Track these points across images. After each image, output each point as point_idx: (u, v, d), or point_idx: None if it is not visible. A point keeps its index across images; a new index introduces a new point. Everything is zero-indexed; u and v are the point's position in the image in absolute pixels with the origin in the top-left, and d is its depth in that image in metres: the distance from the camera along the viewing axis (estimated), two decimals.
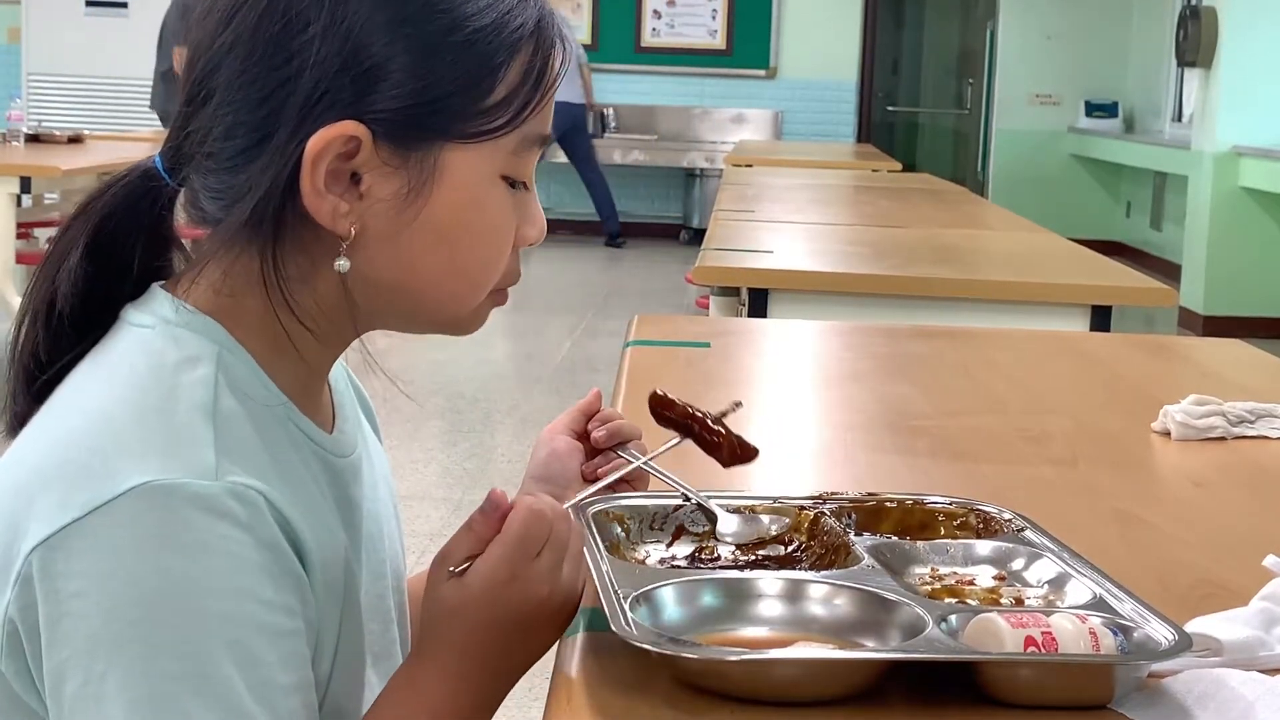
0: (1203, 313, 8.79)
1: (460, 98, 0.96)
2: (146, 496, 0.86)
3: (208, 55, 0.97)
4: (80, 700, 0.85)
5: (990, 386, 2.05)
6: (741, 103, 12.44)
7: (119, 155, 6.66)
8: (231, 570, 0.87)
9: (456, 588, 0.97)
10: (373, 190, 0.96)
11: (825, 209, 5.13)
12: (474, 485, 4.80)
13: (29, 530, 0.88)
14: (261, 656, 0.87)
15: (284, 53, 0.94)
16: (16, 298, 5.76)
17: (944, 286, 3.12)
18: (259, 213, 0.95)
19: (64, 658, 0.86)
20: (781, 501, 1.21)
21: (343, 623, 0.99)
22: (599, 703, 0.92)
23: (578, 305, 8.64)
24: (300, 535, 0.93)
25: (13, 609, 0.88)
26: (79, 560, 0.86)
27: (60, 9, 11.36)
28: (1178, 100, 11.67)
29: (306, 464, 1.00)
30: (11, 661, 0.89)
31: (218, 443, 0.90)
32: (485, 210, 1.00)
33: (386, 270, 0.98)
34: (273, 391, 0.98)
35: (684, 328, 2.45)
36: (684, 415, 1.23)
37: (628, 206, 12.33)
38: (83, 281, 1.00)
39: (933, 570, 1.13)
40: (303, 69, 0.93)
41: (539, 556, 0.97)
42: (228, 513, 0.88)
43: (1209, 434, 1.69)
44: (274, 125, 0.94)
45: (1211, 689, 0.94)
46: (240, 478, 0.89)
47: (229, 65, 0.95)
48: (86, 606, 0.85)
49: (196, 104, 0.97)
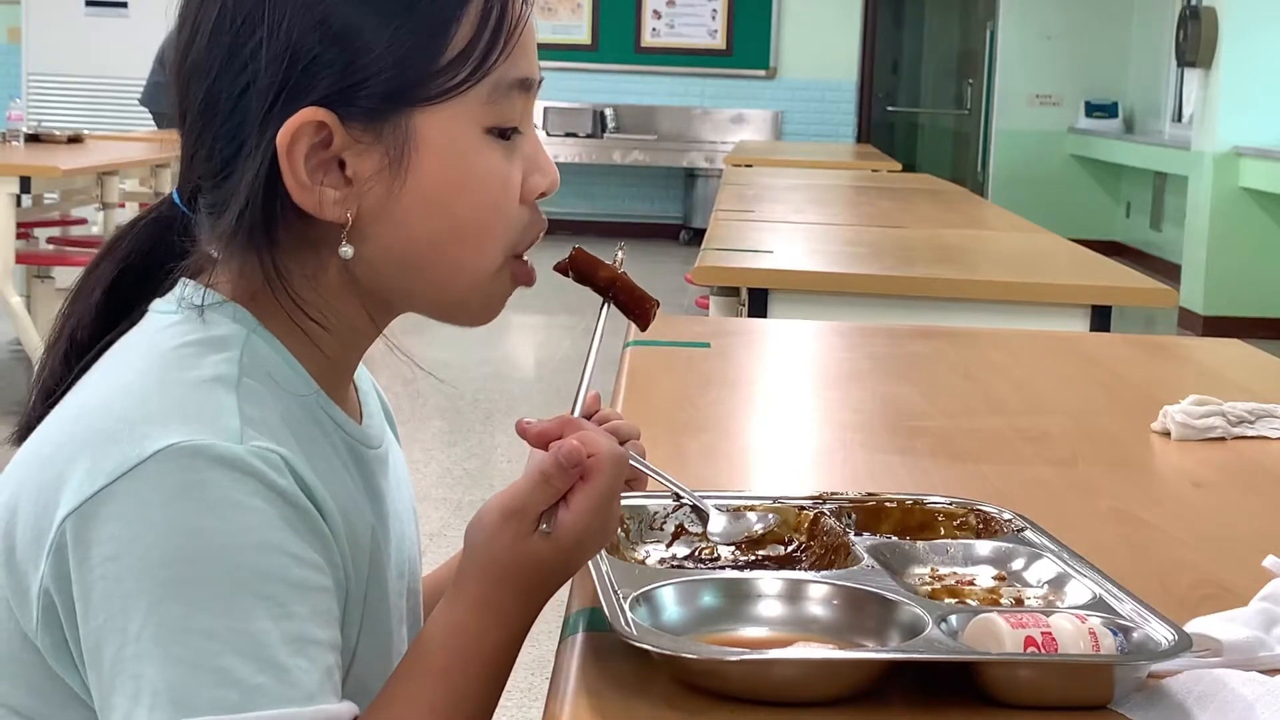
0: (1202, 313, 8.79)
1: (413, 61, 0.96)
2: (173, 458, 0.87)
3: (181, 82, 0.99)
4: (119, 663, 0.86)
5: (990, 386, 2.05)
6: (741, 103, 12.45)
7: (119, 155, 6.66)
8: (260, 525, 0.88)
9: (551, 547, 0.96)
10: (358, 171, 0.97)
11: (825, 209, 5.13)
12: (474, 485, 4.80)
13: (60, 501, 0.89)
14: (294, 610, 0.88)
15: (238, 62, 0.96)
16: (16, 297, 5.75)
17: (944, 287, 3.12)
18: (247, 218, 0.96)
19: (100, 623, 0.86)
20: (781, 501, 1.21)
21: (369, 593, 1.00)
22: (599, 703, 0.92)
23: (578, 305, 8.64)
24: (323, 503, 0.93)
25: (48, 579, 0.88)
26: (109, 525, 0.87)
27: (60, 9, 11.36)
28: (1178, 100, 11.67)
29: (335, 448, 1.01)
30: (48, 635, 0.90)
31: (241, 411, 0.92)
32: (473, 167, 0.99)
33: (390, 249, 0.99)
34: (301, 375, 0.99)
35: (684, 328, 2.45)
36: (608, 280, 1.13)
37: (628, 206, 12.33)
38: (101, 318, 1.03)
39: (933, 570, 1.13)
40: (257, 73, 0.95)
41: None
42: (253, 471, 0.89)
43: (1209, 434, 1.69)
44: (243, 133, 0.96)
45: (1211, 689, 0.94)
46: (263, 442, 0.90)
47: (195, 87, 0.98)
48: (119, 569, 0.86)
49: (183, 130, 1.00)
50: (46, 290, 6.33)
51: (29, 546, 0.90)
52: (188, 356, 0.94)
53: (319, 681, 0.87)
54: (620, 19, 12.39)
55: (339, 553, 0.95)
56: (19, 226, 5.96)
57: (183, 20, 0.99)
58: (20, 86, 11.41)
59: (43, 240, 6.90)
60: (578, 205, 11.94)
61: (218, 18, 0.97)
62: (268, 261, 0.97)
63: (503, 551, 0.97)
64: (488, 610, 0.97)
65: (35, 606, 0.90)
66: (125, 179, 6.90)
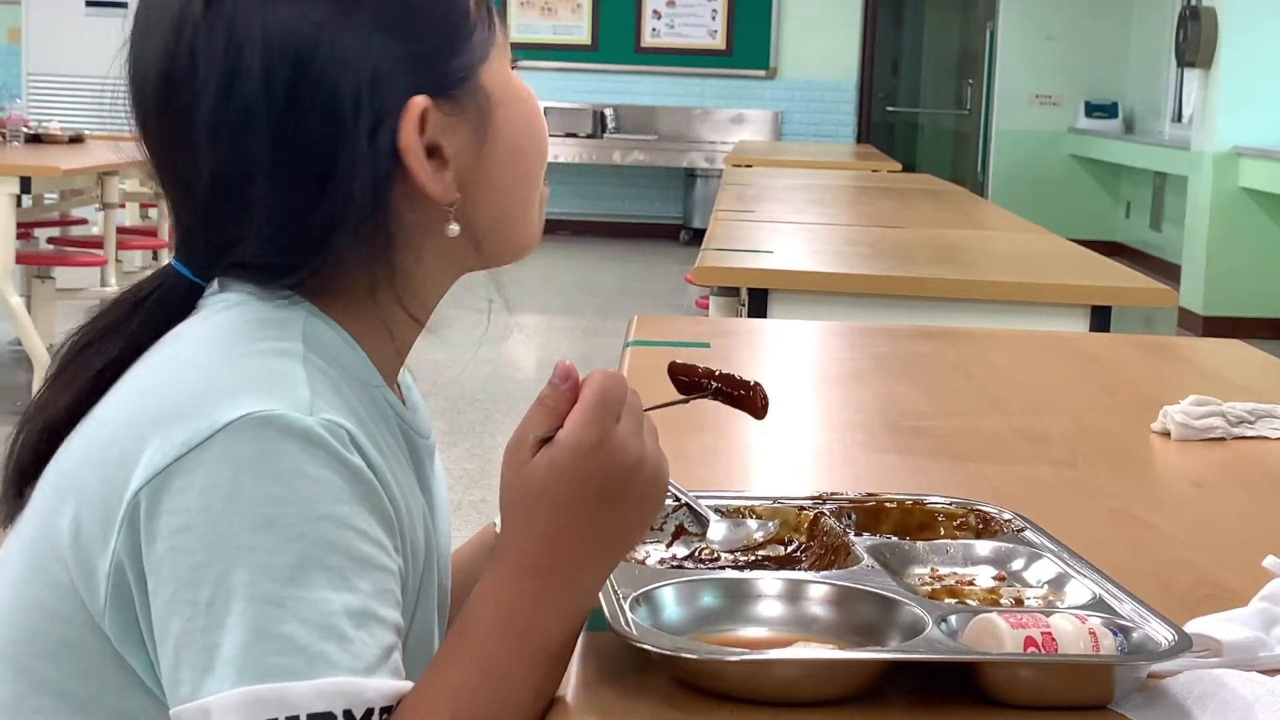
0: (1202, 313, 8.79)
1: (468, 24, 1.01)
2: (244, 429, 0.87)
3: (198, 149, 0.97)
4: (188, 634, 0.86)
5: (990, 386, 2.05)
6: (741, 103, 12.45)
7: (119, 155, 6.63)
8: (329, 497, 0.88)
9: (545, 464, 0.90)
10: (455, 145, 1.00)
11: (825, 209, 5.13)
12: (474, 485, 4.80)
13: (131, 478, 0.89)
14: (357, 584, 0.87)
15: (318, 111, 0.95)
16: (16, 298, 5.75)
17: (944, 287, 3.12)
18: (363, 234, 0.97)
19: (170, 594, 0.87)
20: (781, 501, 1.21)
21: (422, 582, 1.00)
22: (599, 703, 0.92)
23: (578, 305, 8.65)
24: (387, 484, 0.93)
25: (121, 554, 0.89)
26: (181, 497, 0.87)
27: (60, 9, 11.35)
28: (1177, 100, 11.67)
29: (393, 433, 1.01)
30: (118, 614, 0.90)
31: (310, 382, 0.92)
32: (525, 102, 1.05)
33: (488, 208, 1.02)
34: (363, 360, 1.00)
35: (684, 328, 2.45)
36: (707, 374, 1.14)
37: (628, 207, 12.33)
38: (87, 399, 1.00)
39: (932, 570, 1.13)
40: (338, 97, 0.95)
41: (620, 420, 0.92)
42: (324, 443, 0.89)
43: (1209, 434, 1.69)
44: (331, 164, 0.95)
45: (1211, 689, 0.94)
46: (332, 415, 0.90)
47: (237, 145, 0.96)
48: (190, 540, 0.86)
49: (225, 215, 0.98)
50: (46, 290, 6.32)
51: (96, 526, 0.90)
52: (252, 331, 0.95)
53: (379, 656, 0.87)
54: (620, 19, 12.39)
55: (399, 535, 0.94)
56: (19, 226, 5.96)
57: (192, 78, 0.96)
58: (20, 86, 11.41)
59: (43, 240, 6.89)
60: (578, 205, 11.94)
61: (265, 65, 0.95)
62: (385, 264, 0.99)
63: (508, 488, 0.92)
64: (505, 560, 0.92)
65: (104, 585, 0.90)
66: (125, 179, 6.90)
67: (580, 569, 0.92)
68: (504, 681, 0.90)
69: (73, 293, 6.40)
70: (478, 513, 4.52)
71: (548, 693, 0.92)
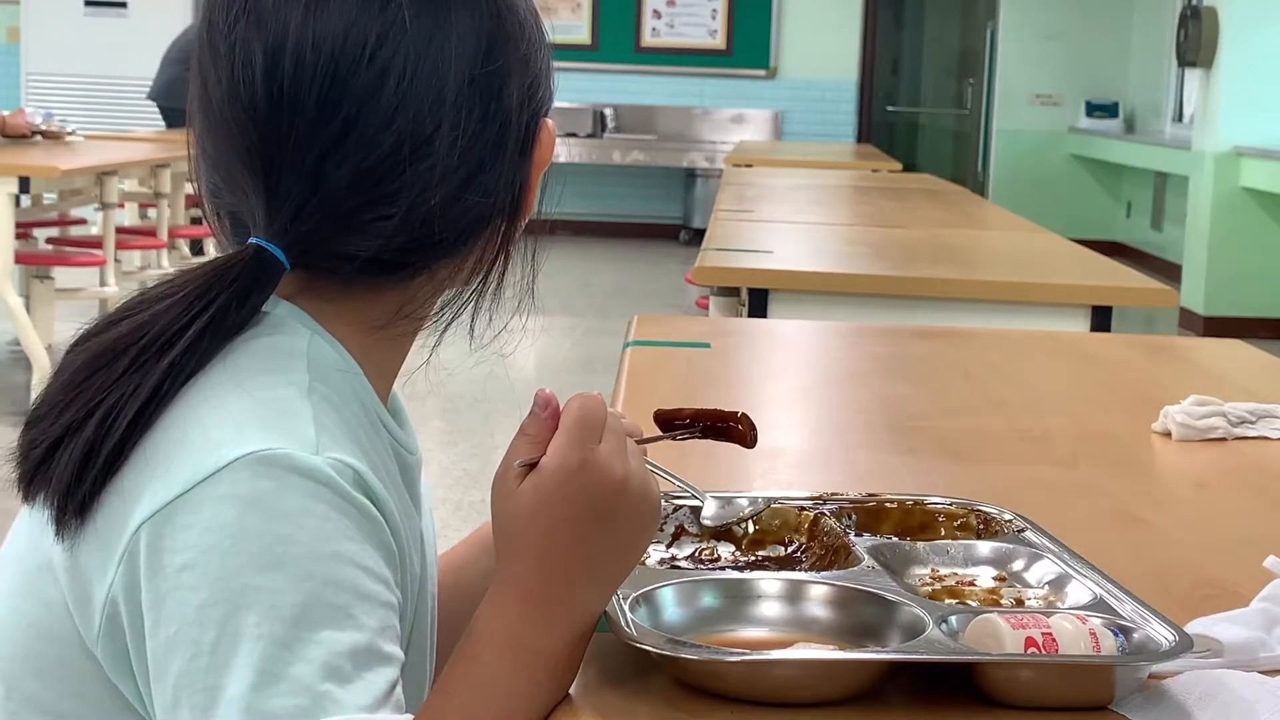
0: (1203, 313, 8.79)
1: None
2: (250, 466, 0.87)
3: (406, 159, 0.97)
4: (189, 674, 0.85)
5: (990, 386, 2.05)
6: (741, 103, 12.45)
7: (119, 155, 6.66)
8: (335, 536, 0.87)
9: (530, 489, 0.92)
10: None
11: (825, 209, 5.13)
12: (474, 485, 4.80)
13: (135, 510, 0.88)
14: (364, 622, 0.87)
15: (497, 117, 0.99)
16: (15, 298, 5.75)
17: (944, 286, 3.12)
18: (492, 240, 1.02)
19: (171, 633, 0.86)
20: (781, 502, 1.21)
21: (416, 605, 1.00)
22: (599, 703, 0.92)
23: (578, 305, 8.64)
24: (390, 517, 0.93)
25: (117, 587, 0.88)
26: (185, 534, 0.86)
27: (60, 9, 11.36)
28: (1178, 100, 11.67)
29: (389, 456, 1.01)
30: (110, 644, 0.89)
31: (317, 419, 0.91)
32: (550, 123, 1.07)
33: (529, 213, 1.06)
34: (363, 383, 0.99)
35: (684, 328, 2.45)
36: (694, 415, 1.20)
37: (628, 206, 12.33)
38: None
39: (933, 571, 1.13)
40: (508, 113, 0.99)
41: (601, 441, 0.93)
42: (329, 482, 0.88)
43: (1209, 434, 1.69)
44: (493, 170, 0.99)
45: (1212, 690, 0.94)
46: (338, 454, 0.90)
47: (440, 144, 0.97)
48: (194, 579, 0.85)
49: (362, 204, 0.96)
50: (45, 291, 6.32)
51: (94, 555, 0.89)
52: (258, 361, 0.94)
53: (384, 693, 0.87)
54: (620, 19, 12.39)
55: (399, 568, 0.94)
56: (18, 226, 5.96)
57: (392, 57, 0.96)
58: (20, 86, 11.41)
59: (42, 240, 6.89)
60: (578, 205, 11.93)
61: (458, 72, 0.97)
62: (482, 269, 1.04)
63: (498, 517, 0.94)
64: (502, 585, 0.93)
65: (99, 615, 0.89)
66: (125, 179, 6.90)
67: (575, 588, 0.93)
68: (508, 704, 0.91)
69: (72, 293, 6.40)
70: (478, 513, 4.52)
71: (554, 703, 0.93)
